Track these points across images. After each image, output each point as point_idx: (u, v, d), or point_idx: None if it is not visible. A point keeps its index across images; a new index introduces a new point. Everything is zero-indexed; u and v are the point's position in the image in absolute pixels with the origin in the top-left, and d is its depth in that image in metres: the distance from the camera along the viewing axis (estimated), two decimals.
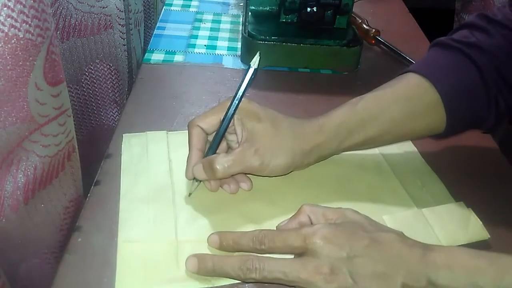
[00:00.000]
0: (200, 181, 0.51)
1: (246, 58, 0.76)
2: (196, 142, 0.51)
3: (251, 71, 0.50)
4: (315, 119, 0.52)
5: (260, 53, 0.50)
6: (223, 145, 0.53)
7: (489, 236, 0.48)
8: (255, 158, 0.49)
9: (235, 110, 0.50)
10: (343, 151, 0.54)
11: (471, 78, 0.52)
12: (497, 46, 0.52)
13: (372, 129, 0.52)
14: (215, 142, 0.51)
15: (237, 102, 0.50)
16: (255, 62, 0.50)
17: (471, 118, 0.54)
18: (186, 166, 0.51)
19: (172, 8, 0.93)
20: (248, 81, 0.50)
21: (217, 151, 0.51)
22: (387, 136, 0.53)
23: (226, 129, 0.50)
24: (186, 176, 0.51)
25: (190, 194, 0.51)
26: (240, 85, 0.50)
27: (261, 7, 0.79)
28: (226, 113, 0.50)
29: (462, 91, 0.52)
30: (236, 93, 0.50)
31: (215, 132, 0.51)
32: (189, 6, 0.94)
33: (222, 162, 0.48)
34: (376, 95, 0.53)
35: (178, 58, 0.77)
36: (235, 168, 0.49)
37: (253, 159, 0.49)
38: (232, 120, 0.50)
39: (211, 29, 0.86)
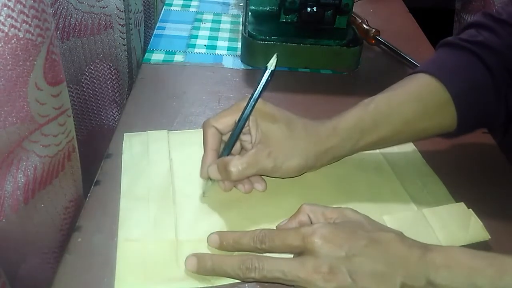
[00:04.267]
0: (214, 180, 0.51)
1: (246, 58, 0.76)
2: (211, 142, 0.51)
3: (267, 72, 0.50)
4: (328, 121, 0.52)
5: (277, 55, 0.51)
6: (237, 145, 0.53)
7: (489, 237, 0.48)
8: (269, 160, 0.49)
9: (251, 111, 0.50)
10: (357, 152, 0.54)
11: (481, 77, 0.53)
12: (504, 44, 0.53)
13: (385, 129, 0.52)
14: (230, 143, 0.51)
15: (253, 103, 0.50)
16: (272, 63, 0.50)
17: (482, 116, 0.54)
18: (201, 166, 0.51)
19: (172, 8, 0.93)
20: (265, 83, 0.50)
21: (231, 152, 0.52)
22: (399, 136, 0.54)
23: (241, 130, 0.50)
24: (201, 176, 0.52)
25: (204, 193, 0.51)
26: (257, 87, 0.50)
27: (261, 7, 0.79)
28: (242, 113, 0.50)
29: (472, 90, 0.53)
30: (252, 95, 0.50)
31: (229, 132, 0.51)
32: (189, 6, 0.94)
33: (236, 164, 0.48)
34: (388, 96, 0.54)
35: (178, 58, 0.77)
36: (249, 170, 0.49)
37: (266, 161, 0.49)
38: (247, 121, 0.50)
39: (211, 29, 0.86)
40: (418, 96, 0.53)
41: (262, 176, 0.53)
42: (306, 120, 0.52)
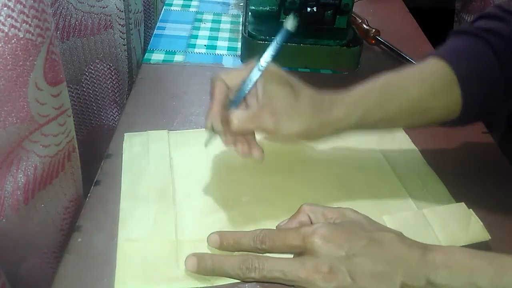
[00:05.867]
0: (217, 133, 0.50)
1: (246, 58, 0.76)
2: (218, 94, 0.50)
3: (283, 33, 0.49)
4: (335, 94, 0.52)
5: (295, 15, 0.49)
6: (243, 107, 0.52)
7: (489, 237, 0.47)
8: (271, 119, 0.48)
9: (262, 71, 0.49)
10: (360, 129, 0.53)
11: (488, 62, 0.52)
12: None
13: (390, 107, 0.52)
14: (237, 97, 0.50)
15: (265, 64, 0.49)
16: (289, 23, 0.49)
17: (486, 100, 0.53)
18: (206, 116, 0.50)
19: (172, 8, 0.93)
20: (279, 44, 0.49)
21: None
22: (403, 116, 0.53)
23: (250, 88, 0.49)
24: (205, 126, 0.51)
25: (206, 145, 0.51)
26: (270, 47, 0.49)
27: (261, 7, 0.79)
28: (252, 71, 0.49)
29: (478, 73, 0.52)
30: (264, 54, 0.49)
31: (236, 89, 0.50)
32: (189, 6, 0.94)
33: (238, 115, 0.48)
34: (396, 76, 0.53)
35: (178, 58, 0.77)
36: (250, 123, 0.48)
37: (269, 119, 0.48)
38: (255, 82, 0.49)
39: (211, 29, 0.86)
40: (424, 76, 0.53)
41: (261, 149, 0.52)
42: (313, 90, 0.51)
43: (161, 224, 0.47)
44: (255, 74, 0.49)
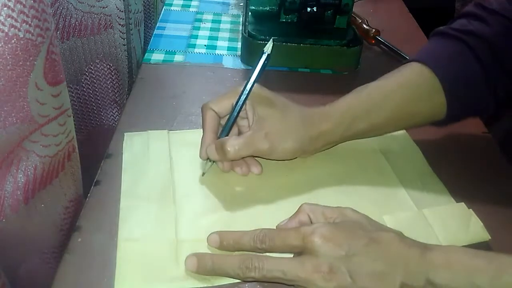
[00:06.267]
0: (213, 161, 0.53)
1: (246, 58, 0.76)
2: (209, 124, 0.52)
3: (264, 57, 0.52)
4: (322, 107, 0.54)
5: (273, 39, 0.52)
6: (234, 130, 0.54)
7: (489, 237, 0.47)
8: (265, 141, 0.50)
9: (247, 94, 0.51)
10: (350, 139, 0.55)
11: (469, 64, 0.54)
12: (493, 33, 0.54)
13: (376, 116, 0.53)
14: (227, 125, 0.52)
15: (250, 87, 0.51)
16: (268, 47, 0.52)
17: (471, 103, 0.55)
18: (200, 146, 0.53)
19: (172, 8, 0.93)
20: (261, 67, 0.51)
21: (229, 136, 0.53)
22: (390, 123, 0.55)
23: (239, 112, 0.52)
24: (200, 156, 0.53)
25: (203, 174, 0.53)
26: (253, 71, 0.51)
27: (261, 7, 0.79)
28: (239, 97, 0.51)
29: (461, 77, 0.54)
30: (249, 79, 0.51)
31: (227, 116, 0.52)
32: (189, 6, 0.94)
33: (233, 144, 0.50)
34: (380, 84, 0.55)
35: (178, 58, 0.77)
36: (245, 150, 0.50)
37: (262, 142, 0.50)
38: (244, 105, 0.52)
39: (211, 29, 0.86)
40: (408, 83, 0.54)
41: (260, 162, 0.54)
42: (301, 106, 0.54)
43: (161, 223, 0.47)
44: (242, 99, 0.51)
